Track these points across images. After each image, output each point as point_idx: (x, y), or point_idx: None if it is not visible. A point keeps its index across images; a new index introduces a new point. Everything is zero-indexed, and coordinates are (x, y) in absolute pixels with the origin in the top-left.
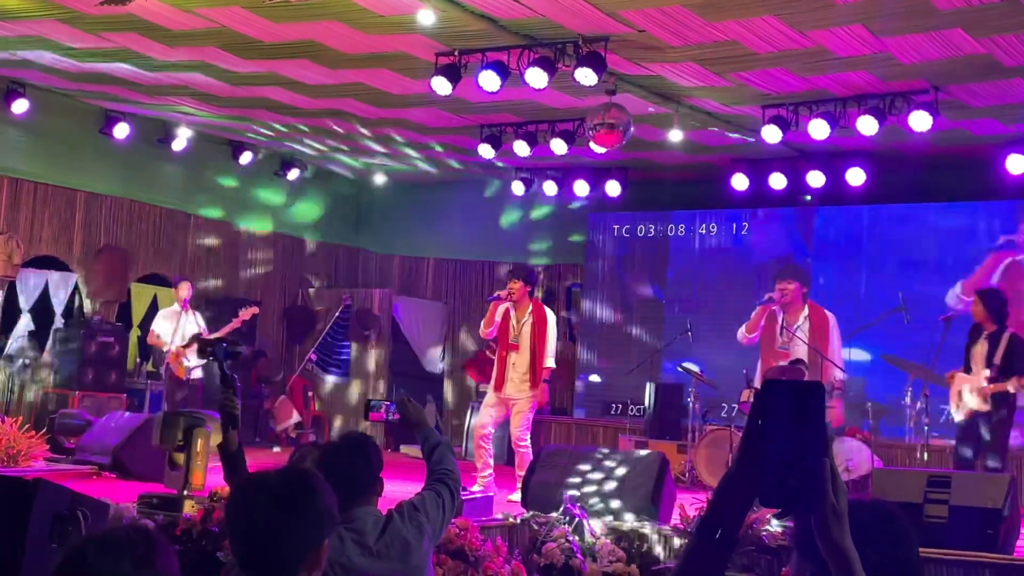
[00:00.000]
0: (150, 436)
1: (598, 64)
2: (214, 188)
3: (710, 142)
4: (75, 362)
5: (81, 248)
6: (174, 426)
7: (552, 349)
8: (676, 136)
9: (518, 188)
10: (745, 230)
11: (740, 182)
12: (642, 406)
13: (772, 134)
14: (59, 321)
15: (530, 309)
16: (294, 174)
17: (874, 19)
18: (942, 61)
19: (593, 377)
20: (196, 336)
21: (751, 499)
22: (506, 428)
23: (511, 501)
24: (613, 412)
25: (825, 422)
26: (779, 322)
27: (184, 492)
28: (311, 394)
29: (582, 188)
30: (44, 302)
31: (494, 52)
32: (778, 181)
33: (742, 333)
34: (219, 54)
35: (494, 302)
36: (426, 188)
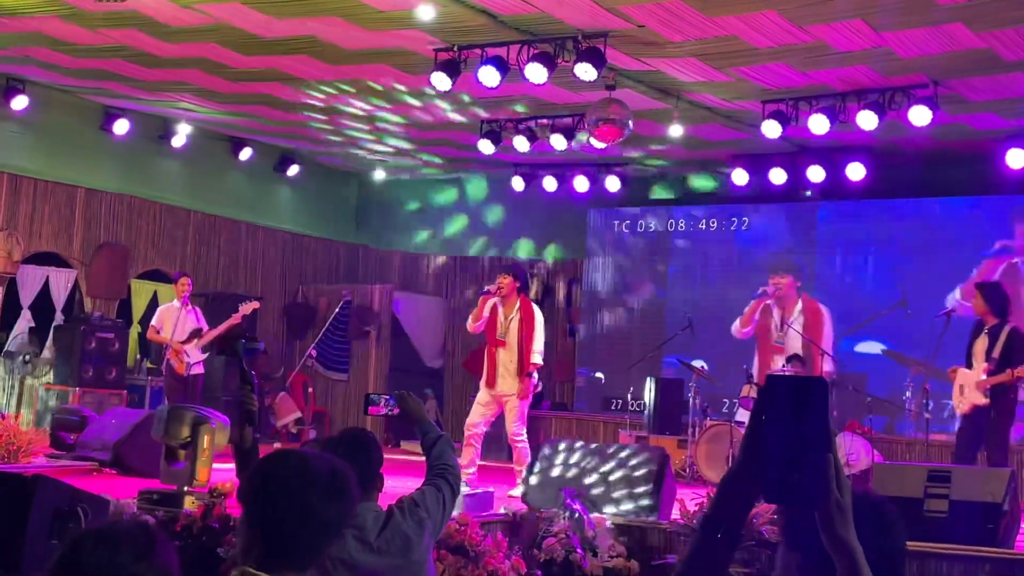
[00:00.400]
0: (151, 432)
1: (598, 59)
2: (214, 184)
3: (710, 137)
4: (75, 358)
5: (81, 244)
6: (180, 421)
7: (539, 345)
8: (676, 131)
9: (518, 183)
10: (745, 225)
11: (740, 177)
12: (642, 401)
13: (772, 129)
14: (59, 317)
15: (517, 306)
16: (294, 170)
17: (874, 13)
18: (942, 55)
19: (594, 373)
20: (196, 332)
21: (755, 495)
22: (502, 426)
23: (511, 496)
24: (614, 407)
25: (828, 417)
26: (774, 316)
27: (185, 488)
28: (311, 390)
29: (582, 183)
30: (44, 298)
31: (494, 48)
32: (778, 176)
33: (736, 327)
34: (218, 50)
35: (483, 296)
36: (426, 183)
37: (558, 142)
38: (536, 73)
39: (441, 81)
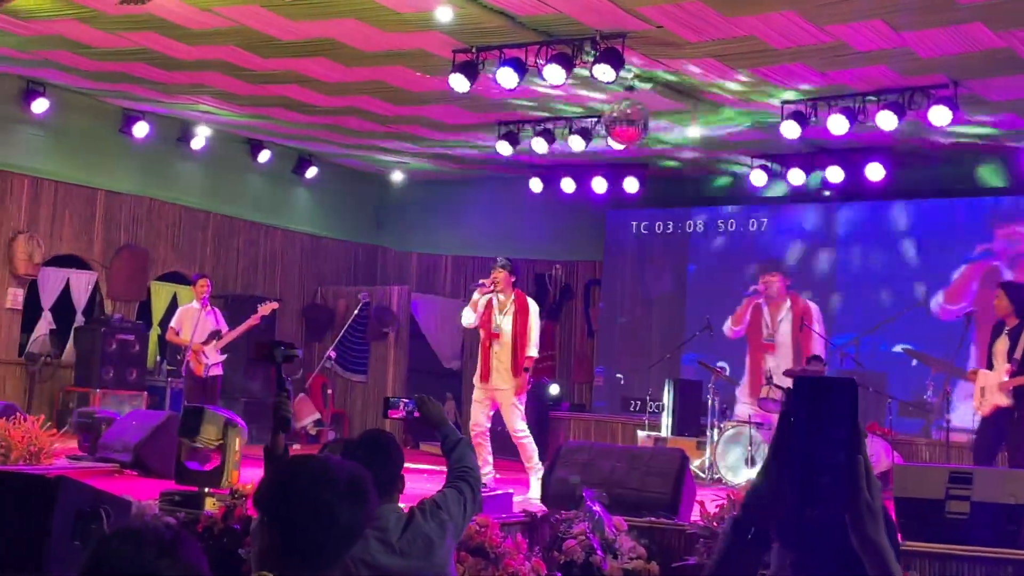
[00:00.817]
0: (172, 433)
1: (616, 60)
2: (233, 186)
3: (728, 137)
4: (96, 360)
5: (101, 247)
6: (211, 424)
7: (535, 339)
8: (694, 132)
9: (536, 185)
10: (764, 226)
11: (759, 177)
12: (661, 402)
13: (791, 129)
14: (80, 319)
15: (512, 299)
16: (312, 172)
17: (893, 13)
18: (961, 55)
19: (612, 373)
20: (215, 333)
21: (785, 498)
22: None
23: (529, 499)
24: (632, 408)
25: (858, 418)
26: (764, 315)
27: (206, 489)
28: (330, 391)
29: (600, 185)
30: (65, 301)
31: (512, 49)
32: (796, 176)
33: (728, 327)
34: (237, 52)
35: (479, 288)
36: (444, 185)
37: (576, 144)
38: (554, 74)
39: (459, 82)
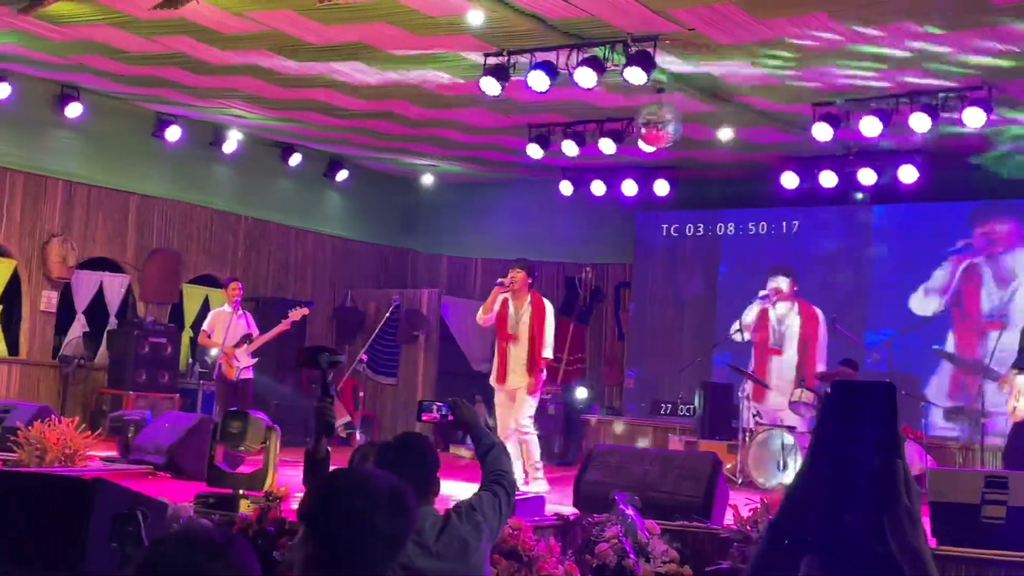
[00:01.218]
0: (205, 436)
1: (647, 63)
2: (264, 190)
3: (760, 140)
4: (129, 363)
5: (134, 250)
6: (253, 427)
7: (550, 340)
8: (725, 135)
9: (566, 188)
10: (795, 228)
11: (790, 180)
12: (692, 406)
13: (823, 132)
14: (113, 322)
15: (528, 300)
16: (343, 175)
17: (927, 15)
18: (996, 57)
19: (642, 377)
20: (246, 337)
21: (822, 502)
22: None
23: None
24: (663, 412)
25: (897, 422)
26: (771, 319)
27: (241, 492)
28: (361, 394)
29: (630, 187)
30: (98, 303)
31: (543, 52)
32: (828, 179)
33: (736, 329)
34: (269, 57)
35: (497, 287)
36: (474, 188)
37: (607, 146)
38: (585, 77)
39: (490, 86)
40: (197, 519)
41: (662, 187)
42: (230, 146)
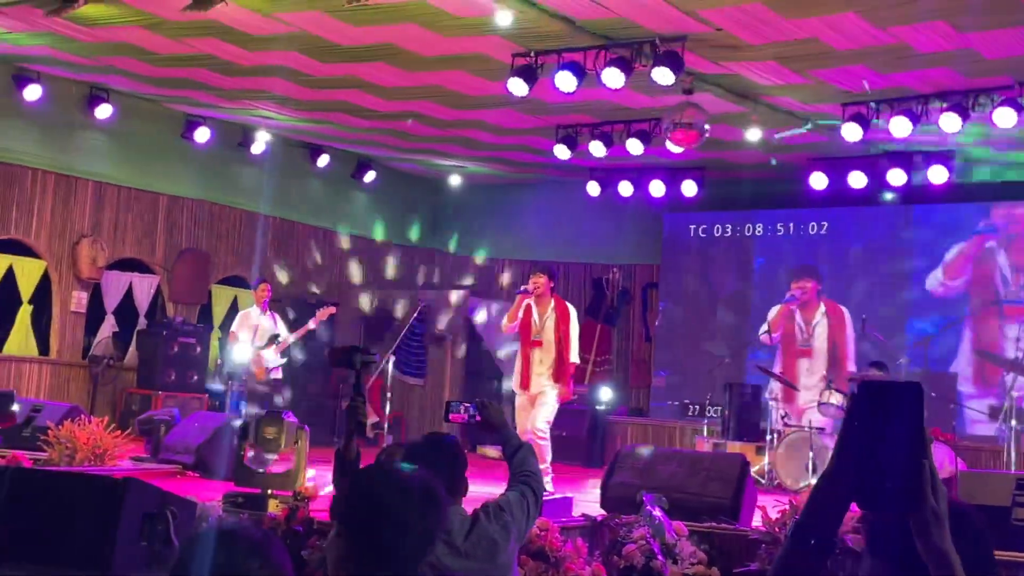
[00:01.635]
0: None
1: (675, 63)
2: (292, 191)
3: (788, 140)
4: (158, 363)
5: (163, 250)
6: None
7: (576, 344)
8: (754, 135)
9: (594, 189)
10: (824, 229)
11: (819, 181)
12: (719, 407)
13: (852, 132)
14: (142, 323)
15: (552, 305)
16: (370, 176)
17: (957, 15)
18: None
19: (670, 378)
20: (274, 337)
21: (848, 502)
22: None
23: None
24: (690, 413)
25: (923, 422)
26: (797, 320)
27: (269, 491)
28: (389, 395)
29: (658, 188)
30: (128, 304)
31: (570, 52)
32: (858, 180)
33: (764, 331)
34: (298, 58)
35: (521, 295)
36: (501, 189)
37: (634, 147)
38: (613, 78)
39: (518, 87)
40: (226, 518)
41: (690, 188)
42: (258, 147)
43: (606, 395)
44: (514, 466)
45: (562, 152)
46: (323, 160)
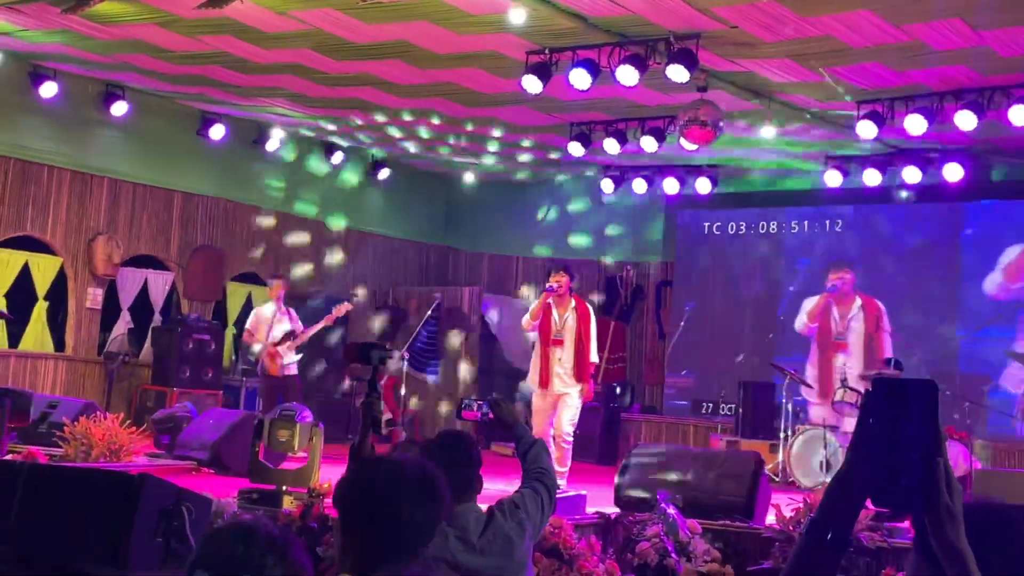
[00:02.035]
0: (248, 432)
1: (690, 61)
2: (306, 188)
3: (803, 138)
4: (173, 359)
5: (178, 247)
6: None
7: (595, 343)
8: (768, 132)
9: (608, 186)
10: (839, 227)
11: (833, 178)
12: (733, 404)
13: (867, 130)
14: (157, 319)
15: (572, 304)
16: (384, 173)
17: (972, 12)
18: None
19: (683, 376)
20: (290, 333)
21: (863, 500)
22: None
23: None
24: (704, 411)
25: (938, 420)
26: (833, 313)
27: (284, 488)
28: (402, 392)
29: (672, 186)
30: (143, 300)
31: (585, 50)
32: (872, 177)
33: (803, 323)
34: (312, 55)
35: (546, 293)
36: (515, 186)
37: (648, 144)
38: (627, 75)
39: (532, 84)
40: (241, 515)
41: (704, 185)
42: (273, 144)
43: (619, 393)
44: (527, 463)
45: (576, 149)
46: (337, 157)
